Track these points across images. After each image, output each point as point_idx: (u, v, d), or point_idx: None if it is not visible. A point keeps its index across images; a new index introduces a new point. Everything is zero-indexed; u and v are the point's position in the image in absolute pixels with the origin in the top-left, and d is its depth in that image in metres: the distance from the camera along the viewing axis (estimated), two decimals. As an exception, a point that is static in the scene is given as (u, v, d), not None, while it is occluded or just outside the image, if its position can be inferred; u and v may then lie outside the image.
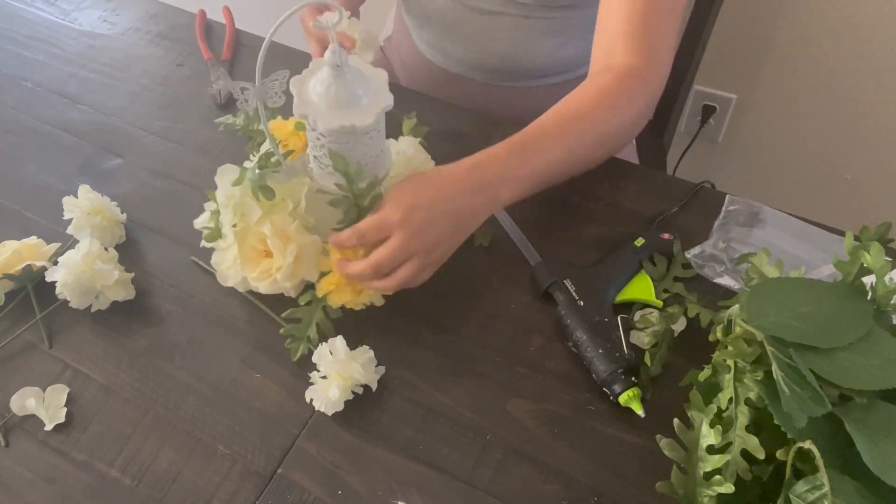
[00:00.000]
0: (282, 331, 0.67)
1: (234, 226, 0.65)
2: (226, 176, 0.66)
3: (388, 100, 0.62)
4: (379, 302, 0.68)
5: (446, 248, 0.64)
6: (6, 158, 0.86)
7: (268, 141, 0.66)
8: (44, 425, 0.64)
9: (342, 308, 0.67)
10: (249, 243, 0.66)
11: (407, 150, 0.73)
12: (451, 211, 0.63)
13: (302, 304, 0.67)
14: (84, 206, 0.73)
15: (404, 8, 1.00)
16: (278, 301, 0.69)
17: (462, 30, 0.92)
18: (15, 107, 0.92)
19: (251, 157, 0.72)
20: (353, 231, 0.62)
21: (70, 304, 0.69)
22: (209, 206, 0.69)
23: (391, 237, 0.61)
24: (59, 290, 0.68)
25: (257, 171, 0.64)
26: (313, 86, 0.62)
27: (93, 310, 0.71)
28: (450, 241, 0.64)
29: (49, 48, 0.99)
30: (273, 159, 0.66)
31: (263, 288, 0.66)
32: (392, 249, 0.61)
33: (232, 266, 0.67)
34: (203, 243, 0.69)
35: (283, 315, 0.67)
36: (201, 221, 0.70)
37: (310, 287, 0.68)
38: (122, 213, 0.77)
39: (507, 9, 0.88)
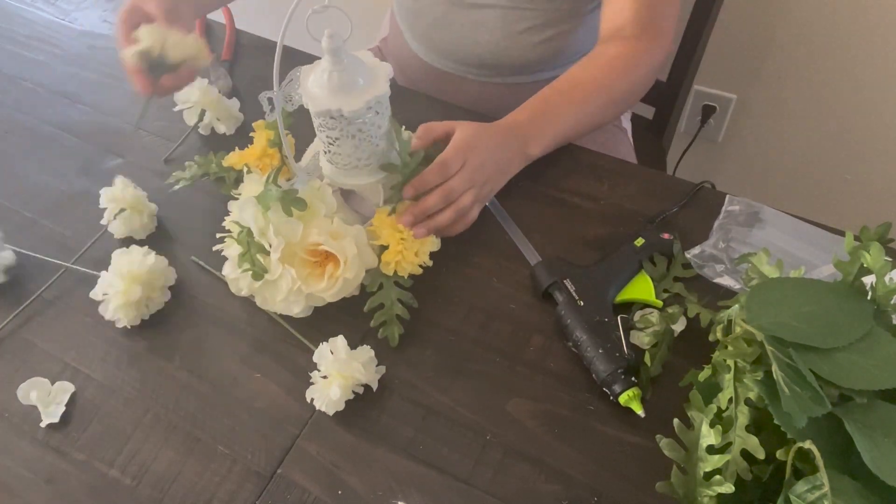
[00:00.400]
0: (372, 323, 0.67)
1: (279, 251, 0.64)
2: (248, 210, 0.64)
3: (385, 84, 0.65)
4: (429, 262, 0.71)
5: (491, 187, 0.74)
6: (6, 158, 0.86)
7: (284, 148, 0.65)
8: (43, 424, 0.64)
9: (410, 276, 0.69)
10: (301, 260, 0.66)
11: None
12: (497, 155, 0.73)
13: (375, 290, 0.68)
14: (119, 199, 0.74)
15: (395, 4, 1.02)
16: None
17: (451, 24, 0.94)
18: (15, 107, 0.92)
19: (233, 194, 0.70)
20: (438, 165, 0.70)
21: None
22: (231, 252, 0.66)
23: (460, 169, 0.70)
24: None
25: (275, 189, 0.63)
26: (315, 78, 0.64)
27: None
28: (495, 181, 0.74)
29: (49, 48, 0.99)
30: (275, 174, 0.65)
31: (332, 295, 0.66)
32: (460, 179, 0.70)
33: (292, 292, 0.65)
34: (226, 272, 0.67)
35: (365, 308, 0.68)
36: (230, 270, 0.67)
37: (373, 276, 0.69)
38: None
39: (495, 0, 0.89)
